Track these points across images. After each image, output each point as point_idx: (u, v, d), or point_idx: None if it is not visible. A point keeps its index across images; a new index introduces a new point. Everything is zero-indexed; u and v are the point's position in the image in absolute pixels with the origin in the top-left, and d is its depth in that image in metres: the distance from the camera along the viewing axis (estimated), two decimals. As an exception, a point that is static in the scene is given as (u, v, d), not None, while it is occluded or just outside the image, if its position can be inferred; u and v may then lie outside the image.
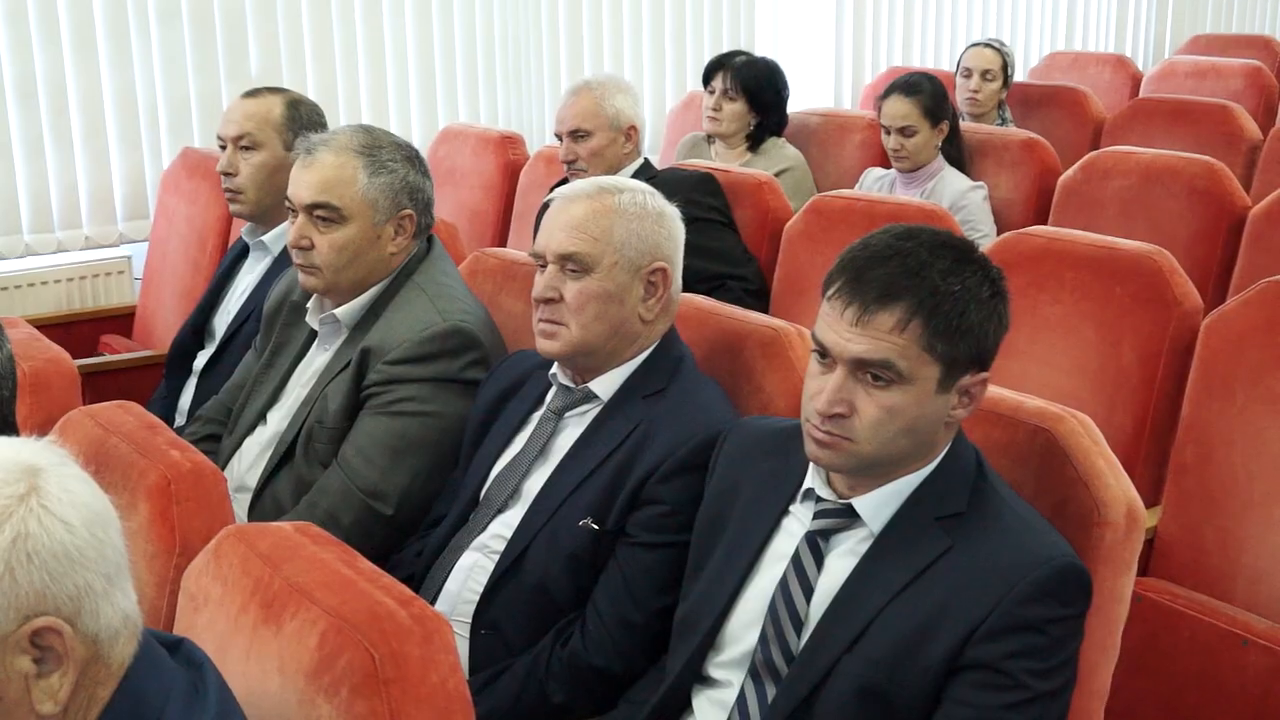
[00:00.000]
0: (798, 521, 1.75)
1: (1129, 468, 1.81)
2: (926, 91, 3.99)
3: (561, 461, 2.07)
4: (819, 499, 1.72)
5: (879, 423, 1.60)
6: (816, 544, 1.70)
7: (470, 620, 2.05)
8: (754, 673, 1.71)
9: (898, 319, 1.58)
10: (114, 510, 1.21)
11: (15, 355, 1.69)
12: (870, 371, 1.59)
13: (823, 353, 1.63)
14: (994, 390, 1.84)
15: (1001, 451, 1.76)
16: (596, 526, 1.98)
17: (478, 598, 2.05)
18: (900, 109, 3.98)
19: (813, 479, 1.73)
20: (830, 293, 1.63)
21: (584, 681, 1.95)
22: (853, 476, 1.68)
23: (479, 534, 2.10)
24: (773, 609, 1.70)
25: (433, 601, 2.07)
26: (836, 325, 1.61)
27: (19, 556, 1.12)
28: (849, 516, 1.69)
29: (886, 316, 1.58)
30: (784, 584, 1.70)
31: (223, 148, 3.05)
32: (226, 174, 3.02)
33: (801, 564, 1.70)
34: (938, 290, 1.58)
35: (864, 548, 1.67)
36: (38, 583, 1.12)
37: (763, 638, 1.70)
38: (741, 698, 1.71)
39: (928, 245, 1.62)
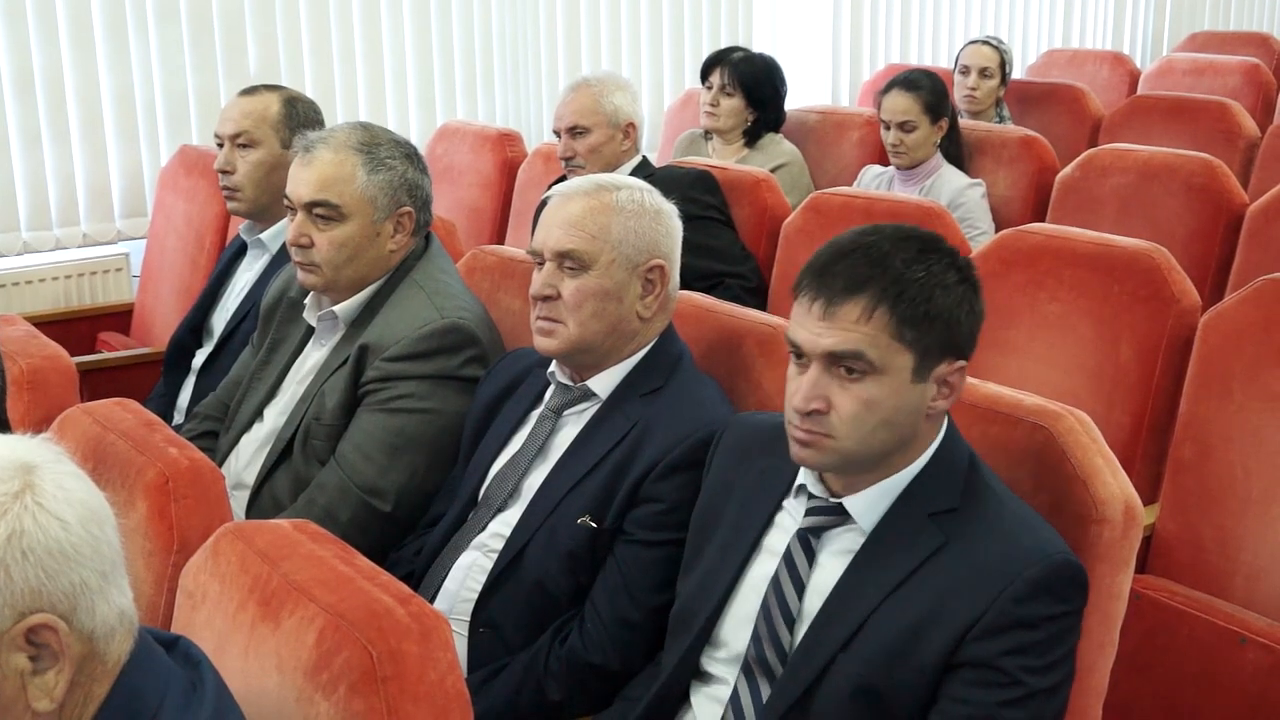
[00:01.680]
0: (790, 517, 1.75)
1: (1127, 465, 1.81)
2: (927, 88, 3.99)
3: (560, 460, 2.07)
4: (811, 495, 1.72)
5: (857, 416, 1.60)
6: (808, 541, 1.70)
7: (469, 619, 2.05)
8: (747, 670, 1.71)
9: (863, 308, 1.58)
10: (109, 507, 1.21)
11: (11, 353, 1.69)
12: (843, 365, 1.59)
13: (798, 352, 1.64)
14: (992, 388, 1.84)
15: (999, 449, 1.76)
16: (595, 524, 1.98)
17: (476, 596, 2.04)
18: (900, 104, 3.98)
19: (805, 475, 1.73)
20: (799, 292, 1.64)
21: (582, 679, 1.95)
22: (843, 475, 1.68)
23: (478, 533, 2.10)
24: (765, 607, 1.70)
25: (431, 600, 2.07)
26: (806, 321, 1.62)
27: (14, 554, 1.11)
28: (840, 514, 1.69)
29: (852, 307, 1.58)
30: (776, 582, 1.70)
31: (220, 145, 3.05)
32: (224, 172, 3.03)
33: (793, 561, 1.70)
34: (901, 277, 1.59)
35: (857, 545, 1.67)
36: (33, 580, 1.12)
37: (755, 636, 1.70)
38: (735, 695, 1.71)
39: (891, 238, 1.63)
